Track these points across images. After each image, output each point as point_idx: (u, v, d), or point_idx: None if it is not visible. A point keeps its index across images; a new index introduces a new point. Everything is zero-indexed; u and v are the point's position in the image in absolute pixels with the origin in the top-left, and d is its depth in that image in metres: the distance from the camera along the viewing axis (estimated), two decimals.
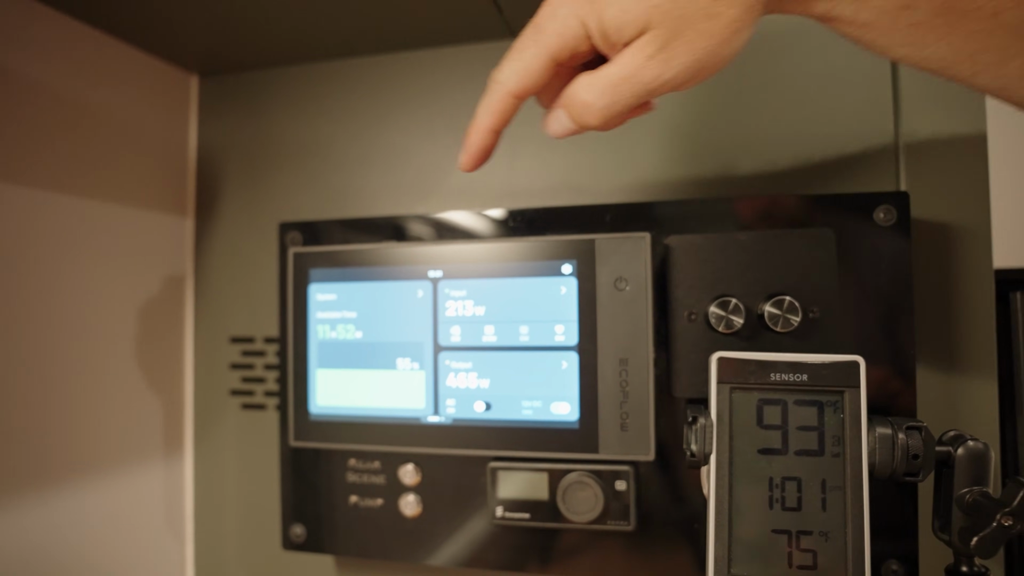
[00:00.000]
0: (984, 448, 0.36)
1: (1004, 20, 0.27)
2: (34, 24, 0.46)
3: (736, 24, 0.28)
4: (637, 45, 0.29)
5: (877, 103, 0.48)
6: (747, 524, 0.37)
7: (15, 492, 0.44)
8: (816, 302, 0.41)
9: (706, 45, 0.28)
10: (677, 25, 0.28)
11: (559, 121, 0.33)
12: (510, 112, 0.34)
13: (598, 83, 0.30)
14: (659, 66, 0.29)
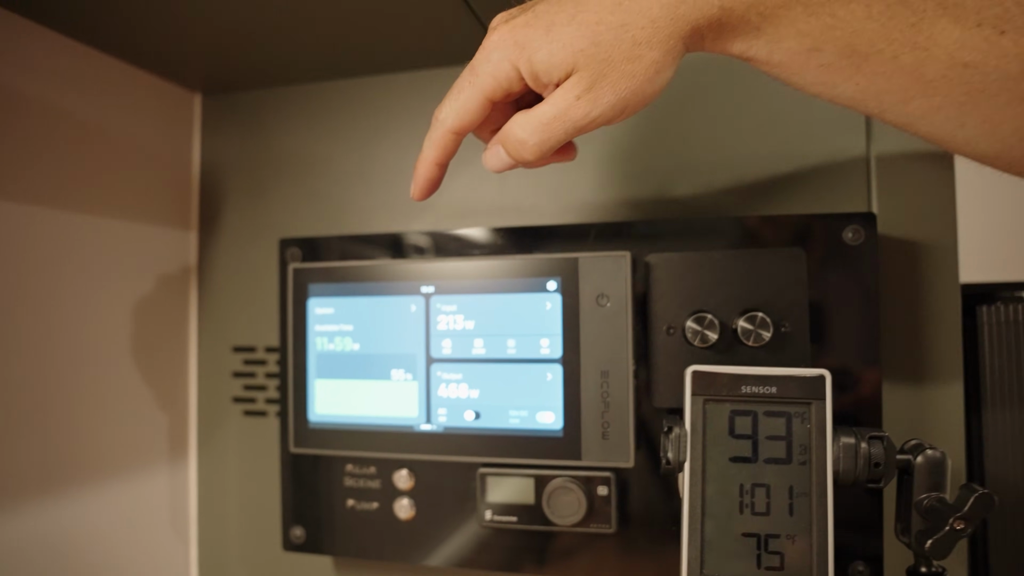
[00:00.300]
0: (942, 457, 0.39)
1: (902, 63, 0.29)
2: (44, 50, 0.49)
3: (657, 65, 0.31)
4: (566, 86, 0.31)
5: (849, 123, 0.50)
6: (719, 528, 0.39)
7: (28, 496, 0.47)
8: (787, 317, 0.44)
9: (629, 85, 0.31)
10: (601, 67, 0.31)
11: (497, 156, 0.36)
12: (452, 147, 0.36)
13: (531, 122, 0.33)
14: (587, 105, 0.31)
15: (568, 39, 0.31)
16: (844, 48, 0.30)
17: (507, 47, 0.32)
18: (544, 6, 0.32)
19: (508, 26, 0.32)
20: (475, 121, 0.35)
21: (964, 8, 0.28)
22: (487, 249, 0.49)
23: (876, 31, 0.29)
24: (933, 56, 0.29)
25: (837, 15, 0.29)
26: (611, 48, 0.30)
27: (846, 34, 0.30)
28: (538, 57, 0.31)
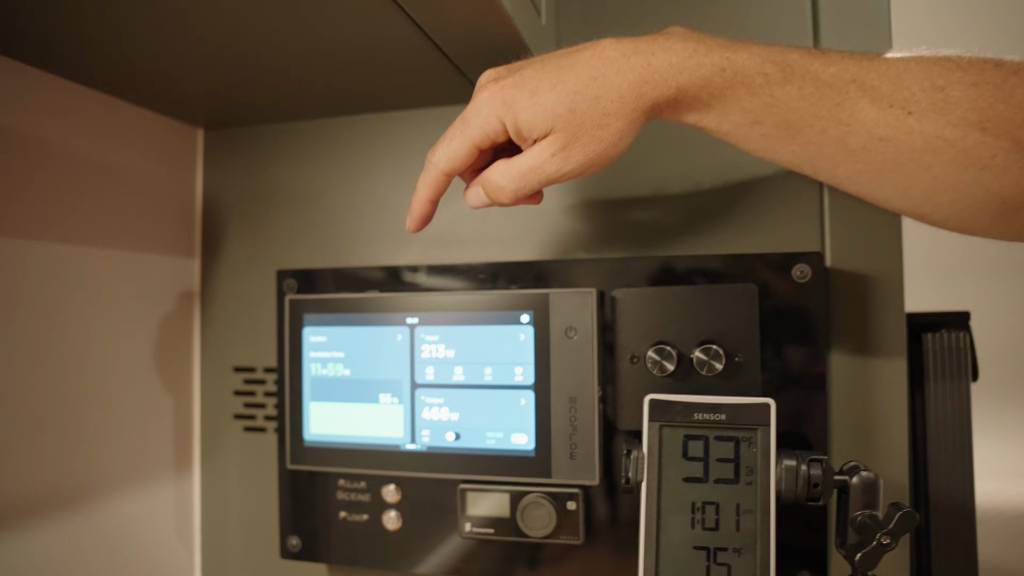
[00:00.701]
0: (874, 478, 0.43)
1: (829, 136, 0.34)
2: (54, 96, 0.53)
3: (621, 133, 0.36)
4: (543, 144, 0.37)
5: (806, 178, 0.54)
6: (672, 541, 0.43)
7: (45, 506, 0.51)
8: (741, 348, 0.48)
9: (597, 148, 0.36)
10: (575, 131, 0.36)
11: (477, 195, 0.41)
12: (443, 187, 0.41)
13: (510, 171, 0.38)
14: (559, 162, 0.37)
15: (549, 104, 0.35)
16: (781, 122, 0.35)
17: (496, 104, 0.37)
18: (530, 71, 0.37)
19: (498, 85, 0.37)
20: (464, 165, 0.40)
21: (879, 92, 0.33)
22: (467, 283, 0.53)
23: (807, 109, 0.34)
24: (854, 131, 0.34)
25: (775, 95, 0.34)
26: (584, 116, 0.36)
27: (782, 111, 0.34)
28: (522, 117, 0.36)
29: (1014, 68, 0.32)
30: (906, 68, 0.33)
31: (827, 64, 0.34)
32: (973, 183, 0.33)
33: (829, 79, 0.34)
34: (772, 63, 0.34)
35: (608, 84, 0.35)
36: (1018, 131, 0.31)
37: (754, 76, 0.34)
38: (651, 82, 0.35)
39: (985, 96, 0.32)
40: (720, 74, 0.35)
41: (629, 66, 0.35)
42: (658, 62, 0.35)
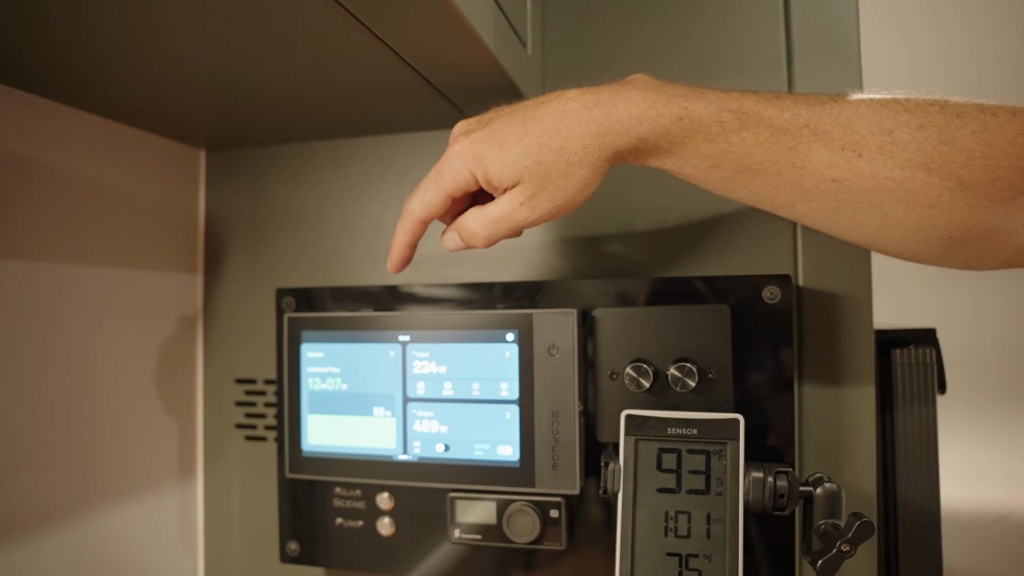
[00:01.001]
0: (837, 489, 0.46)
1: (784, 178, 0.37)
2: (63, 124, 0.56)
3: (586, 180, 0.38)
4: (512, 193, 0.39)
5: None
6: (646, 547, 0.46)
7: (58, 512, 0.54)
8: (714, 366, 0.51)
9: (563, 196, 0.39)
10: (542, 181, 0.38)
11: (453, 240, 0.43)
12: (419, 233, 0.43)
13: (483, 219, 0.40)
14: (527, 210, 0.39)
15: (517, 157, 0.38)
16: (738, 166, 0.37)
17: (467, 157, 0.39)
18: (499, 124, 0.39)
19: (468, 139, 0.39)
20: (438, 212, 0.42)
21: (831, 136, 0.36)
22: (456, 303, 0.56)
23: (763, 154, 0.36)
24: (808, 173, 0.36)
25: (731, 142, 0.37)
26: (550, 167, 0.38)
27: (739, 156, 0.37)
28: (492, 169, 0.39)
29: (957, 111, 0.34)
30: (856, 111, 0.35)
31: (781, 110, 0.36)
32: (921, 220, 0.36)
33: (783, 124, 0.36)
34: (728, 111, 0.36)
35: (572, 136, 0.37)
36: (961, 171, 0.34)
37: (711, 124, 0.37)
38: (613, 132, 0.37)
39: (930, 139, 0.34)
40: (678, 124, 0.37)
41: (591, 118, 0.37)
42: (619, 113, 0.37)
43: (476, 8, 0.43)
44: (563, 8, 0.62)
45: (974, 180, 0.34)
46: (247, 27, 0.41)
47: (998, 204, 0.34)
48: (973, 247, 0.36)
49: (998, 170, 0.33)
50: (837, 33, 0.57)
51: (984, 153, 0.33)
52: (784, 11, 0.58)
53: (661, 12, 0.60)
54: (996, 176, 0.33)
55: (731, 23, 0.59)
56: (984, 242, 0.36)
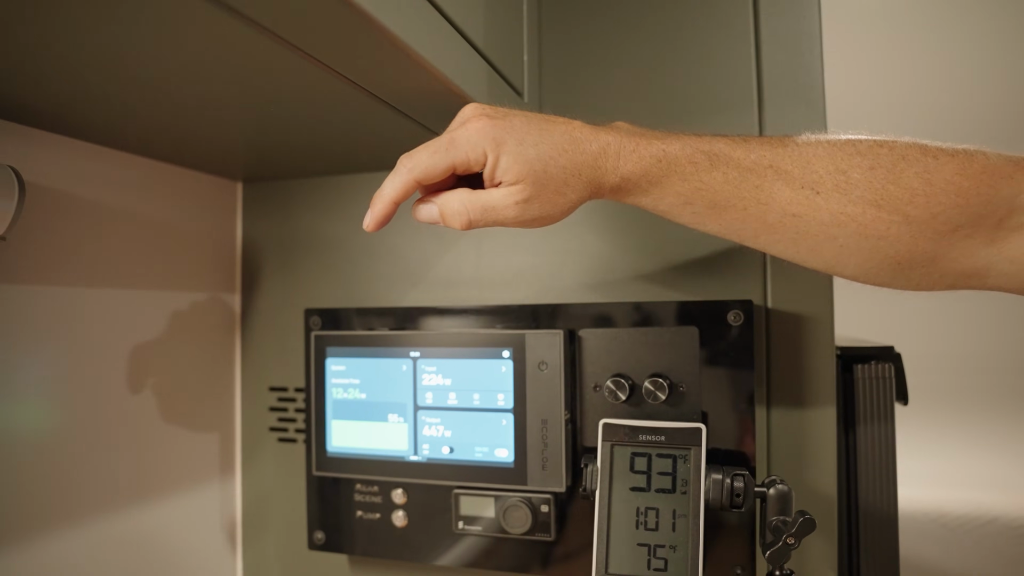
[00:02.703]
0: (787, 489, 0.52)
1: (750, 213, 0.41)
2: (119, 168, 0.65)
3: (571, 203, 0.42)
4: (511, 189, 0.40)
5: None
6: (620, 539, 0.53)
7: (114, 506, 0.63)
8: (684, 380, 0.57)
9: (550, 210, 0.42)
10: (540, 189, 0.40)
11: (429, 213, 0.43)
12: (410, 192, 0.42)
13: (474, 202, 0.41)
14: (519, 210, 0.41)
15: (530, 157, 0.40)
16: (708, 203, 0.42)
17: (487, 138, 0.40)
18: (519, 122, 0.41)
19: (492, 122, 0.40)
20: (435, 179, 0.41)
21: (792, 175, 0.40)
22: (461, 323, 0.64)
23: (731, 192, 0.41)
24: (771, 208, 0.41)
25: (703, 180, 0.41)
26: (552, 178, 0.40)
27: (709, 194, 0.41)
28: (505, 158, 0.40)
29: (902, 153, 0.39)
30: (815, 153, 0.40)
31: (748, 152, 0.41)
32: (873, 249, 0.40)
33: (750, 165, 0.40)
34: (701, 152, 0.41)
35: (575, 159, 0.41)
36: (907, 207, 0.38)
37: (685, 165, 0.41)
38: (602, 168, 0.41)
39: (879, 178, 0.39)
40: (656, 165, 0.41)
41: (591, 150, 0.41)
42: (611, 151, 0.41)
43: (472, 78, 0.51)
44: (557, 57, 0.69)
45: (918, 215, 0.38)
46: (283, 103, 0.50)
47: (940, 236, 0.39)
48: (920, 272, 0.41)
49: (938, 206, 0.38)
50: (803, 79, 0.63)
51: (926, 191, 0.38)
52: (756, 59, 0.65)
53: (645, 61, 0.67)
54: (937, 212, 0.38)
55: (708, 70, 0.65)
56: (930, 267, 0.41)
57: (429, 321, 0.65)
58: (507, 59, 0.60)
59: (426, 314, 0.65)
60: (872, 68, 1.75)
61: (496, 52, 0.57)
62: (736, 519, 0.58)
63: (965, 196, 0.38)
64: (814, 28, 0.64)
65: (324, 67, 0.44)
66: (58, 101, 0.49)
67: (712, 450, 0.58)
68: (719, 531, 0.58)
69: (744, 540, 0.58)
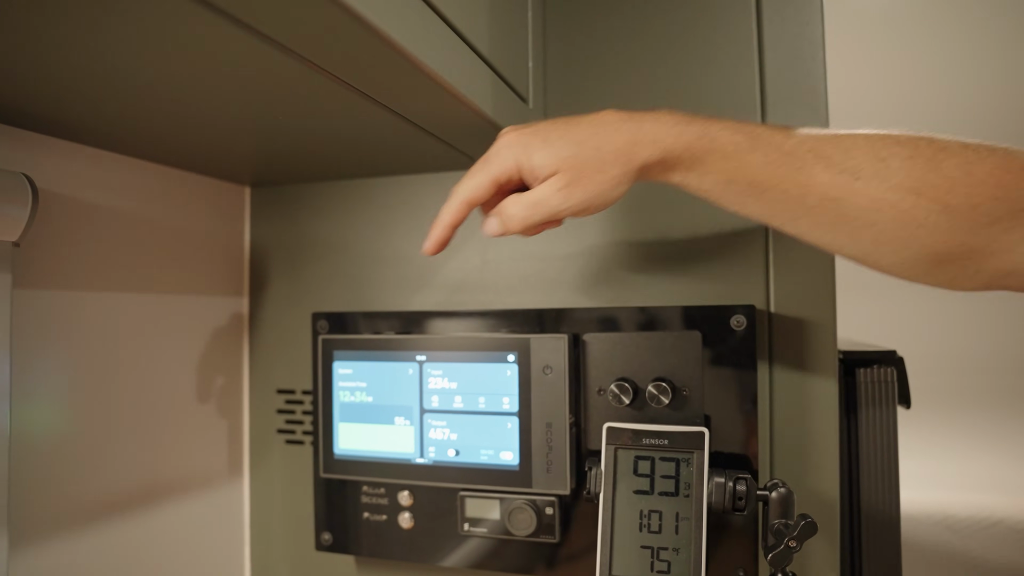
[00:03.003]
0: (788, 493, 0.53)
1: (790, 195, 0.42)
2: (130, 173, 0.65)
3: (616, 180, 0.43)
4: (550, 181, 0.43)
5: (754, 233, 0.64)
6: (623, 541, 0.54)
7: (125, 505, 0.64)
8: (687, 384, 0.58)
9: (595, 190, 0.43)
10: (577, 173, 0.43)
11: (492, 225, 0.47)
12: (464, 214, 0.47)
13: (521, 201, 0.44)
14: (563, 197, 0.43)
15: (559, 148, 0.43)
16: (750, 182, 0.43)
17: (515, 147, 0.44)
18: (544, 126, 0.45)
19: (517, 133, 0.45)
20: (483, 197, 0.46)
21: (832, 160, 0.41)
22: (466, 327, 0.64)
23: (772, 173, 0.42)
24: (811, 191, 0.41)
25: (744, 160, 0.42)
26: (586, 161, 0.43)
27: (751, 174, 0.42)
28: (535, 157, 0.43)
29: (942, 145, 0.40)
30: (854, 142, 0.41)
31: (788, 137, 0.41)
32: (910, 239, 0.40)
33: (790, 148, 0.41)
34: (742, 133, 0.42)
35: (607, 138, 0.43)
36: (946, 196, 0.39)
37: (727, 144, 0.42)
38: (641, 143, 0.42)
39: (919, 167, 0.39)
40: (699, 141, 0.42)
41: (624, 128, 0.43)
42: (647, 128, 0.43)
43: (478, 86, 0.51)
44: (562, 63, 0.70)
45: (958, 205, 0.39)
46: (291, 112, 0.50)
47: (979, 228, 0.39)
48: (957, 267, 0.41)
49: (979, 197, 0.38)
50: (806, 83, 0.63)
51: (966, 182, 0.38)
52: (759, 64, 0.65)
53: (649, 65, 0.68)
54: (977, 203, 0.38)
55: (711, 74, 0.66)
56: (967, 262, 0.41)
57: (435, 325, 0.65)
58: (512, 66, 0.61)
59: (432, 318, 0.66)
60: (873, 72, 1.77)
61: (501, 59, 0.57)
62: (739, 521, 0.59)
63: (1006, 190, 0.38)
64: (816, 33, 0.64)
65: (332, 77, 0.44)
66: (71, 109, 0.50)
67: (715, 453, 0.59)
68: (722, 533, 0.59)
69: (747, 542, 0.58)
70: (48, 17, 0.35)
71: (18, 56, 0.40)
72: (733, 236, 0.64)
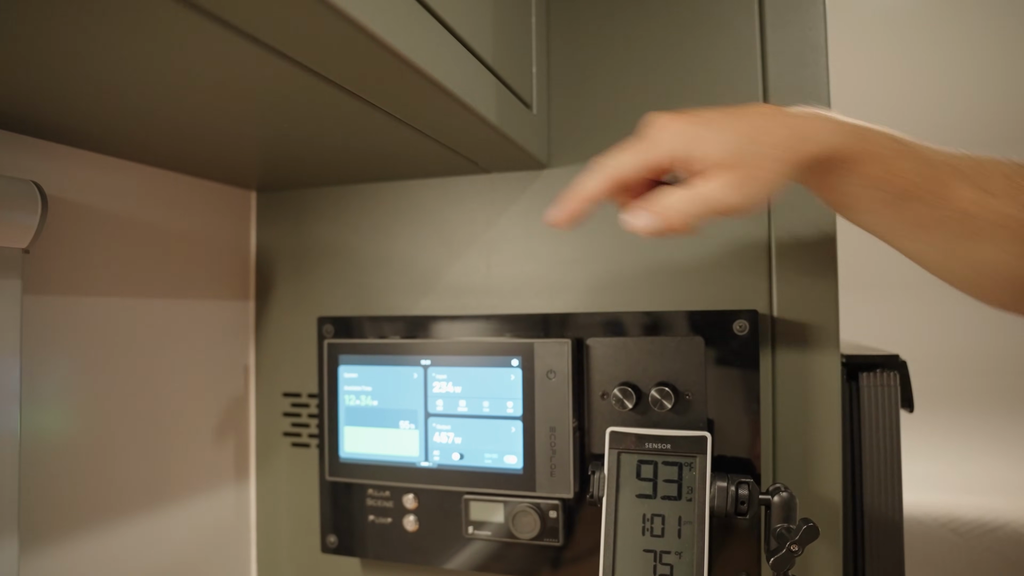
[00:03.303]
0: (791, 497, 0.53)
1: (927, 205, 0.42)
2: (136, 179, 0.66)
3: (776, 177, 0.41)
4: (711, 175, 0.41)
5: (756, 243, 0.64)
6: (626, 545, 0.54)
7: (133, 507, 0.64)
8: (691, 389, 0.58)
9: (762, 186, 0.41)
10: (739, 169, 0.40)
11: (647, 219, 0.42)
12: (607, 191, 0.44)
13: (684, 195, 0.41)
14: (732, 193, 0.41)
15: (723, 141, 0.41)
16: (896, 191, 0.42)
17: (680, 133, 0.42)
18: (705, 115, 0.42)
19: (677, 119, 0.42)
20: (632, 177, 0.43)
21: (970, 177, 0.42)
22: (471, 331, 0.65)
23: (918, 183, 0.42)
24: (948, 203, 0.42)
25: (894, 166, 0.42)
26: (749, 156, 0.41)
27: (899, 181, 0.42)
28: (700, 148, 0.41)
29: None
30: (988, 163, 0.42)
31: (930, 150, 0.42)
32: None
33: (933, 161, 0.41)
34: (892, 139, 0.42)
35: (772, 135, 0.41)
36: None
37: (878, 148, 0.41)
38: (807, 139, 0.41)
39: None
40: (857, 142, 0.41)
41: (788, 123, 0.41)
42: (808, 124, 0.41)
43: (481, 95, 0.52)
44: (565, 68, 0.70)
45: None
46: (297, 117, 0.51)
47: None
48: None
49: None
50: (809, 90, 0.63)
51: None
52: (762, 70, 0.65)
53: (653, 71, 0.68)
54: None
55: (714, 81, 0.66)
56: None
57: (439, 329, 0.66)
58: (516, 72, 0.61)
59: (437, 322, 0.66)
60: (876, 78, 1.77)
61: (505, 66, 0.58)
62: (743, 525, 0.59)
63: None
64: (820, 38, 0.64)
65: (337, 87, 0.45)
66: (80, 118, 0.51)
67: (718, 457, 0.59)
68: (725, 537, 0.59)
69: (751, 546, 0.58)
70: (56, 30, 0.35)
71: (27, 67, 0.40)
72: (737, 241, 0.64)
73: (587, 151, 0.69)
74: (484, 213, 0.72)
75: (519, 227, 0.70)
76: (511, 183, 0.71)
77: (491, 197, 0.72)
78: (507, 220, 0.71)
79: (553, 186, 0.70)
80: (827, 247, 0.62)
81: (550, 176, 0.70)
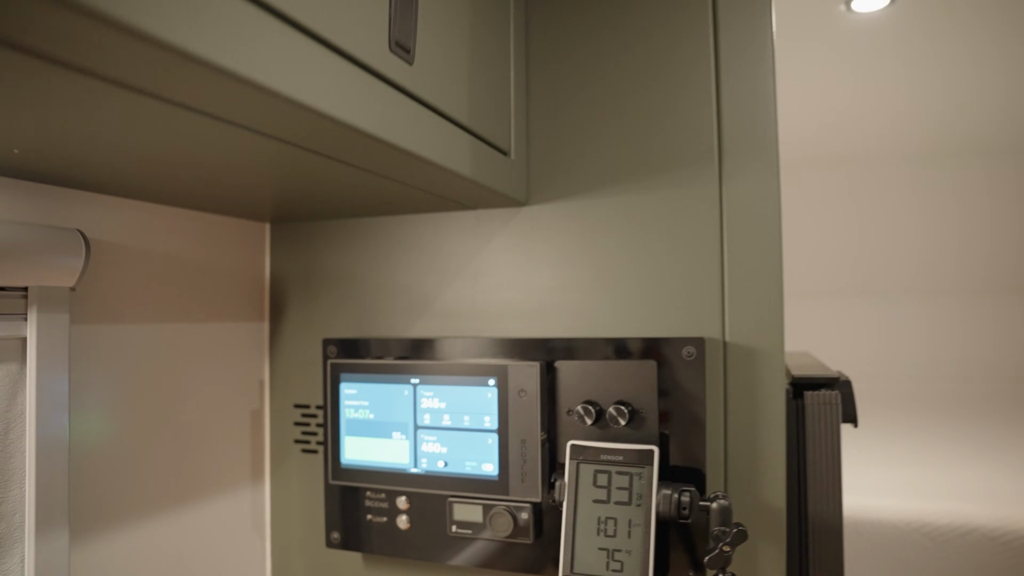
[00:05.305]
0: (728, 503, 0.61)
1: None
2: (161, 218, 0.76)
3: None
4: None
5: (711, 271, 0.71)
6: (583, 544, 0.62)
7: (159, 508, 0.74)
8: (644, 407, 0.66)
9: None
10: None
11: None
12: None
13: None
14: None
15: None
16: None
17: None
18: None
19: None
20: None
21: None
22: (455, 351, 0.73)
23: None
24: None
25: None
26: None
27: None
28: None
29: None
30: None
31: None
32: None
33: None
34: None
35: None
36: None
37: None
38: None
39: None
40: None
41: None
42: None
43: (456, 156, 0.60)
44: (543, 114, 0.78)
45: None
46: (301, 175, 0.60)
47: None
48: None
49: None
50: (759, 134, 0.71)
51: None
52: (717, 117, 0.73)
53: (623, 111, 0.76)
54: None
55: (676, 124, 0.74)
56: None
57: (429, 350, 0.74)
58: (493, 126, 0.70)
59: (426, 344, 0.75)
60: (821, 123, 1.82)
61: (482, 125, 0.66)
62: (697, 528, 0.67)
63: None
64: (769, 87, 0.72)
65: (332, 160, 0.54)
66: (116, 173, 0.60)
67: (672, 467, 0.67)
68: (683, 537, 0.67)
69: (701, 547, 0.66)
70: (90, 112, 0.44)
71: (69, 138, 0.50)
72: (693, 273, 0.72)
73: (563, 189, 0.77)
74: (470, 245, 0.80)
75: (501, 258, 0.79)
76: (494, 218, 0.79)
77: (476, 231, 0.80)
78: (490, 251, 0.79)
79: (532, 221, 0.78)
80: (774, 280, 0.69)
81: (529, 212, 0.78)
